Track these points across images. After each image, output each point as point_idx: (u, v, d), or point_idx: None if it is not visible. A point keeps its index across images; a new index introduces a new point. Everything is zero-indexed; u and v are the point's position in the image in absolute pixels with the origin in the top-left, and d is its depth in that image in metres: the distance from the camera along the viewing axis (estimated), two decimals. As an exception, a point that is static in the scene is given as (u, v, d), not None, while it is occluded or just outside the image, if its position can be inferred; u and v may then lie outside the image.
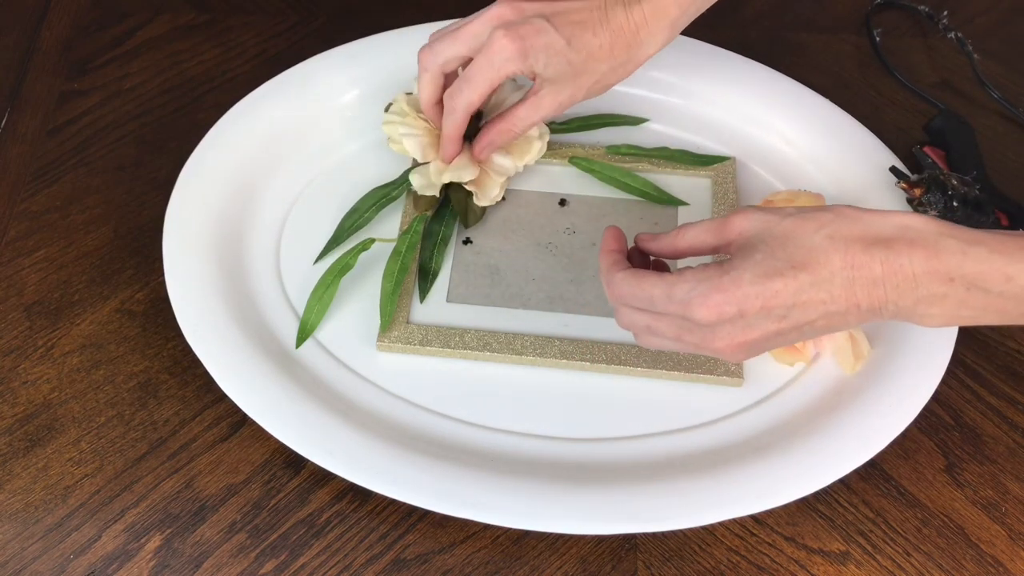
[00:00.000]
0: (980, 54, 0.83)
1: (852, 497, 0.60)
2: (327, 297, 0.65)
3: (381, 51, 0.77)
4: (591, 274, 0.67)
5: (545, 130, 0.71)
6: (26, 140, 0.77)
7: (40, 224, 0.72)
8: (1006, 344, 0.67)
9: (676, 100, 0.77)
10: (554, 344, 0.63)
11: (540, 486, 0.57)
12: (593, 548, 0.58)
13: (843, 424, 0.59)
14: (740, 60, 0.77)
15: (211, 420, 0.63)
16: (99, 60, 0.82)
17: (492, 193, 0.69)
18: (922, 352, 0.61)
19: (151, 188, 0.74)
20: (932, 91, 0.81)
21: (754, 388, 0.63)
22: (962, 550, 0.58)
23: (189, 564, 0.57)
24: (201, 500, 0.60)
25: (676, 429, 0.61)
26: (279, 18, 0.86)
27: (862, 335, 0.61)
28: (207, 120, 0.73)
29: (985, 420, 0.63)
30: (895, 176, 0.68)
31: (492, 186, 0.69)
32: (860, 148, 0.72)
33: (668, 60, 0.77)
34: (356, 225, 0.69)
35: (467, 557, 0.58)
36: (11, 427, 0.62)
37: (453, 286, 0.67)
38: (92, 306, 0.68)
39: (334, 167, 0.73)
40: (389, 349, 0.64)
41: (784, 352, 0.62)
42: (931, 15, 0.86)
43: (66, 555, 0.58)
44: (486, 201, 0.69)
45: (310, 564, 0.57)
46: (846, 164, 0.72)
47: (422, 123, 0.68)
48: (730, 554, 0.58)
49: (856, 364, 0.62)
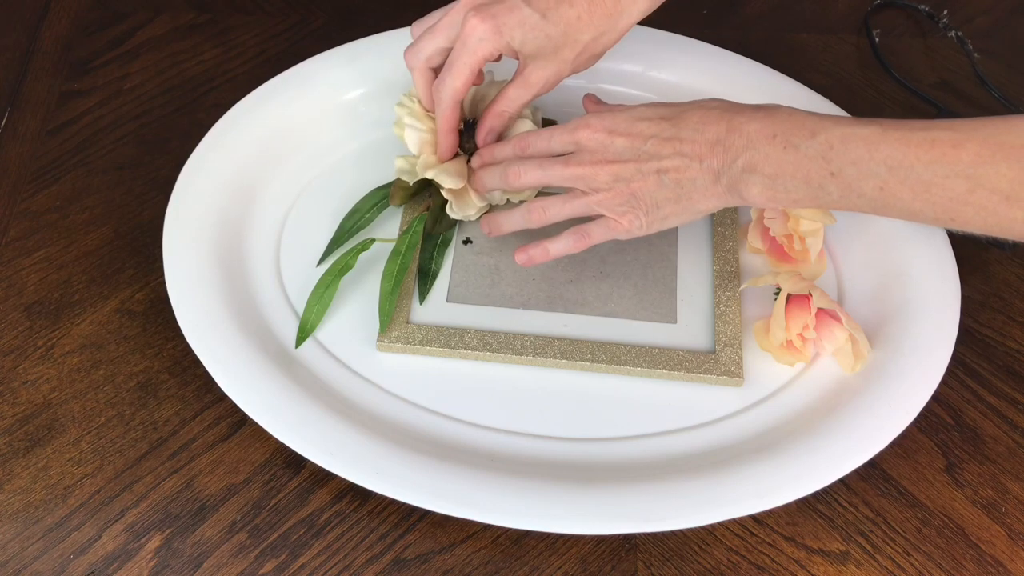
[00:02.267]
0: (980, 54, 0.83)
1: (852, 497, 0.60)
2: (327, 297, 0.65)
3: (381, 51, 0.76)
4: (591, 274, 0.67)
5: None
6: (26, 140, 0.77)
7: (40, 224, 0.72)
8: (1006, 344, 0.67)
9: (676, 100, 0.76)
10: (554, 344, 0.63)
11: (540, 486, 0.57)
12: (593, 548, 0.58)
13: (843, 424, 0.59)
14: (740, 60, 0.77)
15: (211, 420, 0.63)
16: (99, 60, 0.82)
17: (467, 211, 0.67)
18: (922, 352, 0.61)
19: (151, 188, 0.74)
20: (932, 91, 0.81)
21: (754, 388, 0.63)
22: (962, 550, 0.58)
23: (189, 564, 0.57)
24: (201, 500, 0.60)
25: (676, 429, 0.61)
26: (279, 18, 0.86)
27: (862, 336, 0.61)
28: (207, 120, 0.73)
29: (985, 420, 0.63)
30: None
31: (469, 205, 0.67)
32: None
33: (668, 60, 0.77)
34: (357, 226, 0.69)
35: (467, 557, 0.58)
36: (11, 427, 0.62)
37: (453, 286, 0.67)
38: (92, 306, 0.68)
39: (334, 167, 0.73)
40: (389, 349, 0.64)
41: (784, 352, 0.63)
42: (931, 14, 0.86)
43: (66, 555, 0.58)
44: (458, 215, 0.68)
45: (310, 564, 0.57)
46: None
47: (429, 120, 0.67)
48: (730, 554, 0.58)
49: (856, 364, 0.62)
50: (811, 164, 0.52)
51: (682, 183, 0.57)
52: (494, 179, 0.64)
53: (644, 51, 0.77)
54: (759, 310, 0.66)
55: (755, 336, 0.64)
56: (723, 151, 0.55)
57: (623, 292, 0.67)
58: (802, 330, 0.61)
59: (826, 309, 0.61)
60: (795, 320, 0.61)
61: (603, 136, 0.59)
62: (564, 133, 0.61)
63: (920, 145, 0.49)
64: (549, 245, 0.63)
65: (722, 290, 0.66)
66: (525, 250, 0.64)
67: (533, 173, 0.62)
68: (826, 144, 0.52)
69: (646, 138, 0.58)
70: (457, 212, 0.68)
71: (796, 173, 0.53)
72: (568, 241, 0.63)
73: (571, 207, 0.61)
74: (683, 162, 0.57)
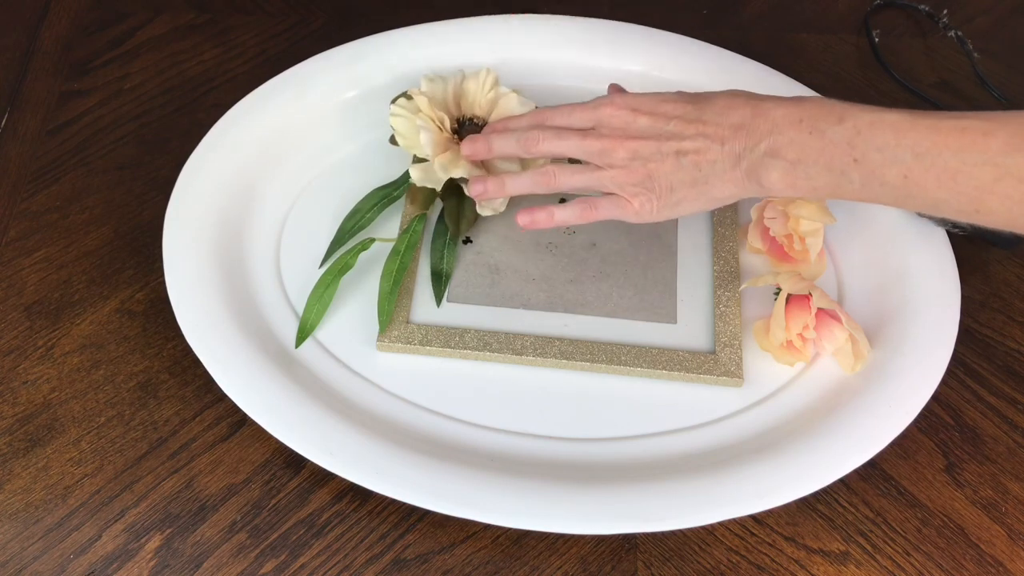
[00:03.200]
0: (980, 54, 0.83)
1: (852, 497, 0.60)
2: (327, 297, 0.65)
3: (381, 51, 0.77)
4: (591, 274, 0.67)
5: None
6: (26, 140, 0.77)
7: (40, 224, 0.72)
8: (1006, 344, 0.67)
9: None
10: (554, 344, 0.63)
11: (540, 486, 0.57)
12: (593, 548, 0.58)
13: (843, 424, 0.59)
14: (741, 60, 0.77)
15: (211, 420, 0.63)
16: (99, 60, 0.82)
17: (494, 200, 0.67)
18: (922, 352, 0.61)
19: (151, 188, 0.74)
20: (932, 91, 0.81)
21: (754, 388, 0.63)
22: (962, 550, 0.58)
23: (189, 564, 0.57)
24: (201, 500, 0.60)
25: (676, 429, 0.61)
26: (279, 18, 0.86)
27: (862, 336, 0.61)
28: (207, 120, 0.73)
29: (985, 420, 0.63)
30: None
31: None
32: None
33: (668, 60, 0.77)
34: (357, 226, 0.69)
35: (467, 557, 0.58)
36: (11, 427, 0.62)
37: (453, 286, 0.67)
38: (92, 306, 0.68)
39: (334, 167, 0.73)
40: (389, 349, 0.64)
41: (784, 352, 0.63)
42: (931, 14, 0.86)
43: (66, 555, 0.58)
44: (488, 211, 0.67)
45: (310, 564, 0.57)
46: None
47: (435, 122, 0.67)
48: (730, 554, 0.58)
49: (856, 364, 0.62)
50: (835, 149, 0.52)
51: (701, 165, 0.57)
52: (508, 144, 0.62)
53: (644, 50, 0.77)
54: (759, 310, 0.66)
55: (755, 336, 0.64)
56: (746, 135, 0.55)
57: (623, 292, 0.67)
58: (802, 330, 0.61)
59: (826, 309, 0.61)
60: (795, 320, 0.61)
61: (626, 113, 0.59)
62: (586, 110, 0.60)
63: (950, 133, 0.49)
64: (556, 211, 0.62)
65: (722, 290, 0.66)
66: (531, 212, 0.63)
67: (550, 141, 0.61)
68: (853, 130, 0.51)
69: (669, 118, 0.57)
70: (486, 207, 0.67)
71: (819, 159, 0.53)
72: (575, 211, 0.61)
73: (582, 177, 0.60)
74: (704, 143, 0.56)
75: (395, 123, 0.68)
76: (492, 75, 0.69)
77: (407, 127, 0.67)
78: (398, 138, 0.68)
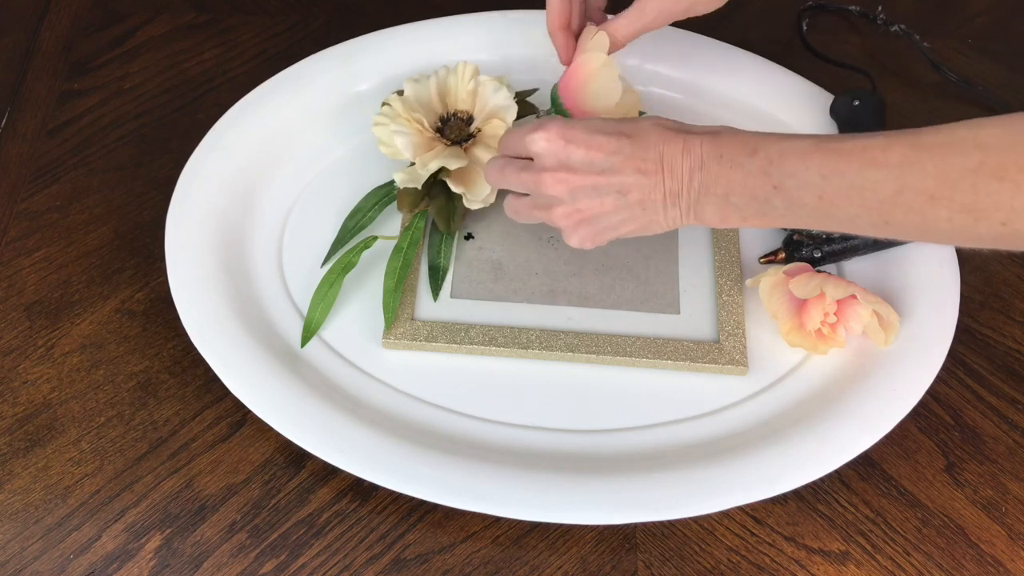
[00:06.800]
0: (980, 54, 0.83)
1: (852, 497, 0.60)
2: (331, 295, 0.65)
3: (380, 49, 0.77)
4: (592, 267, 0.68)
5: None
6: (26, 140, 0.77)
7: (40, 224, 0.72)
8: (1006, 344, 0.67)
9: (676, 96, 0.77)
10: (559, 337, 0.63)
11: (549, 478, 0.57)
12: (593, 548, 0.58)
13: (848, 410, 0.59)
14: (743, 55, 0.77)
15: (211, 420, 0.63)
16: (99, 60, 0.82)
17: (482, 193, 0.66)
18: (923, 340, 0.62)
19: (151, 188, 0.74)
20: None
21: (758, 377, 0.63)
22: (962, 550, 0.58)
23: (189, 564, 0.57)
24: (201, 500, 0.60)
25: (682, 419, 0.62)
26: (279, 18, 0.86)
27: (885, 307, 0.60)
28: (207, 120, 0.73)
29: (985, 420, 0.63)
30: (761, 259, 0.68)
31: (479, 186, 0.66)
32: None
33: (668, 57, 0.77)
34: (359, 225, 0.69)
35: (467, 557, 0.58)
36: (11, 427, 0.62)
37: (457, 282, 0.67)
38: (92, 306, 0.67)
39: (335, 165, 0.73)
40: (395, 346, 0.64)
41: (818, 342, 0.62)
42: (864, 13, 0.86)
43: (66, 555, 0.58)
44: (475, 202, 0.67)
45: (310, 564, 0.57)
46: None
47: (413, 124, 0.67)
48: (730, 554, 0.58)
49: (889, 338, 0.61)
50: (755, 180, 0.53)
51: (644, 204, 0.56)
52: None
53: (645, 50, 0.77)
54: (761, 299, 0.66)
55: (786, 338, 0.63)
56: (680, 172, 0.55)
57: (625, 284, 0.67)
58: (823, 318, 0.61)
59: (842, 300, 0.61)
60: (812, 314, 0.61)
61: (559, 145, 0.56)
62: (522, 134, 0.58)
63: (852, 152, 0.50)
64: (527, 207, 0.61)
65: (724, 280, 0.66)
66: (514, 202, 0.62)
67: (493, 175, 0.61)
68: (766, 159, 0.52)
69: (608, 153, 0.55)
70: (473, 199, 0.66)
71: (743, 191, 0.53)
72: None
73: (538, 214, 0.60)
74: (642, 180, 0.55)
75: (377, 132, 0.68)
76: (471, 67, 0.69)
77: (387, 134, 0.67)
78: (381, 147, 0.69)
